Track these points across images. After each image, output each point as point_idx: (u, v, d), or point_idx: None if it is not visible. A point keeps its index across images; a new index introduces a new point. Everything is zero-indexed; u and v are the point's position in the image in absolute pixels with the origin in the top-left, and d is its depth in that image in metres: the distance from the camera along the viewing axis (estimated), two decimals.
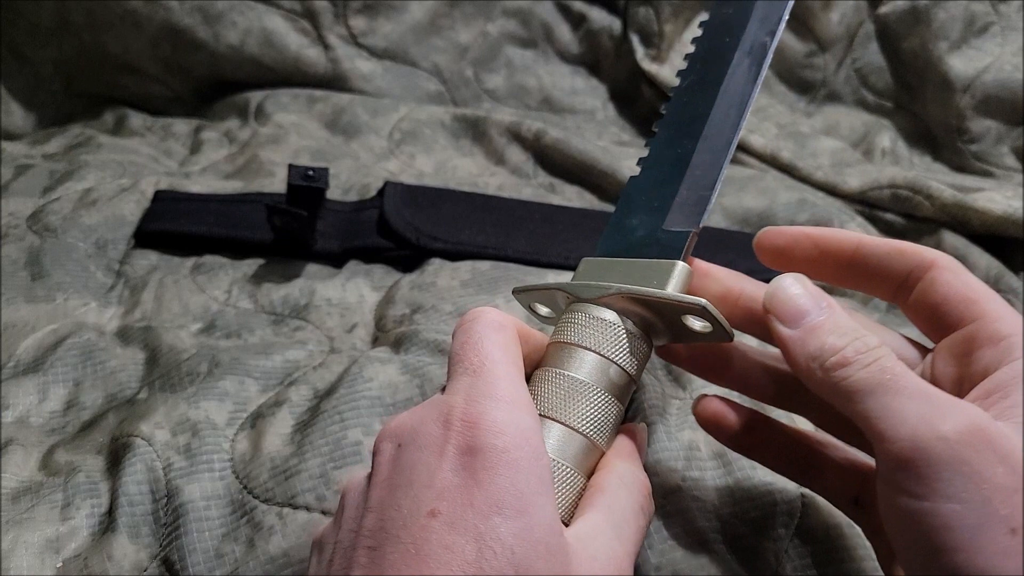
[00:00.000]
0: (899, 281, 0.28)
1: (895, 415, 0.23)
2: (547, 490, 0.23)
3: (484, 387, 0.24)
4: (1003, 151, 0.71)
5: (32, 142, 0.70)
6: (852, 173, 0.64)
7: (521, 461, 0.23)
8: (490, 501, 0.22)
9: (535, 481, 0.23)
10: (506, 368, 0.25)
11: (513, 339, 0.27)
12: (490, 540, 0.22)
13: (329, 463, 0.35)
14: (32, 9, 0.72)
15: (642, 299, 0.27)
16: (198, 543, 0.33)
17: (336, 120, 0.69)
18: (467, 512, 0.22)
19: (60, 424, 0.41)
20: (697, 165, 0.30)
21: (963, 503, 0.21)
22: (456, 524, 0.22)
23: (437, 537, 0.22)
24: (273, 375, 0.42)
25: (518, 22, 0.77)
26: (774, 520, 0.34)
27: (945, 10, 0.72)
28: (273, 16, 0.71)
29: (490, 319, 0.27)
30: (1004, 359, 0.25)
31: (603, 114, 0.77)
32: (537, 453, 0.23)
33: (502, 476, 0.22)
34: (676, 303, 0.27)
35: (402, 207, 0.54)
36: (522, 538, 0.22)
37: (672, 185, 0.30)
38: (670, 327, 0.28)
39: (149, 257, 0.53)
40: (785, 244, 0.30)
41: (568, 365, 0.27)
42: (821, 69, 0.76)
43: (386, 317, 0.46)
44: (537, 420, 0.25)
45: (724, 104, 0.30)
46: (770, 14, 0.30)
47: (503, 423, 0.23)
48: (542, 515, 0.22)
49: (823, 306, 0.26)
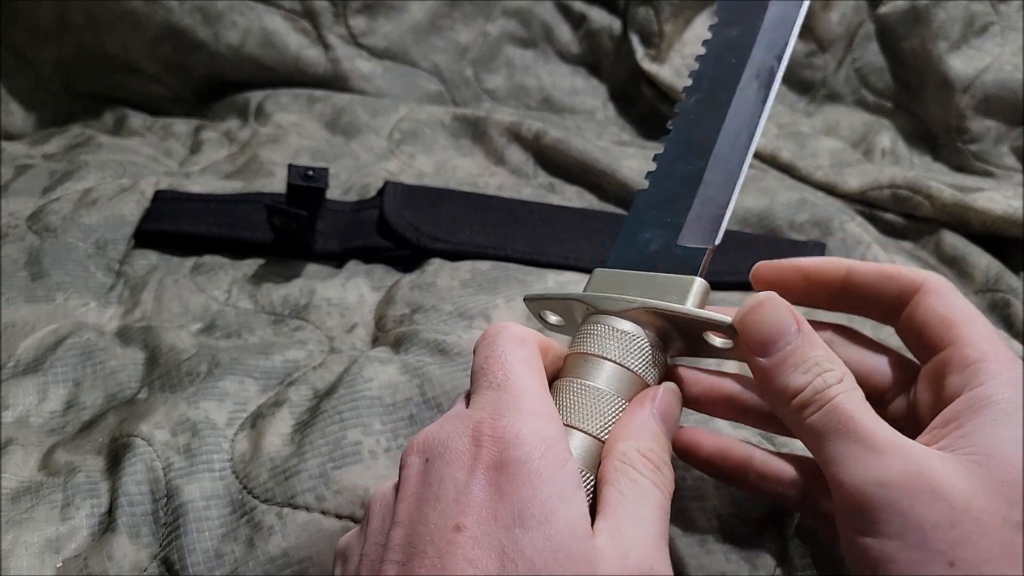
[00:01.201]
0: (889, 305, 0.29)
1: (842, 462, 0.24)
2: (572, 495, 0.23)
3: (510, 400, 0.25)
4: (1003, 151, 0.71)
5: (32, 142, 0.70)
6: (852, 173, 0.64)
7: (544, 470, 0.23)
8: (513, 513, 0.23)
9: (558, 488, 0.23)
10: (531, 382, 0.26)
11: (536, 353, 0.27)
12: (512, 552, 0.22)
13: (329, 463, 0.35)
14: (32, 9, 0.72)
15: (665, 313, 0.28)
16: (198, 543, 0.33)
17: (336, 120, 0.69)
18: (491, 526, 0.23)
19: (60, 424, 0.41)
20: (710, 183, 0.30)
21: (904, 540, 0.23)
22: (480, 538, 0.22)
23: (462, 552, 0.22)
24: (273, 375, 0.42)
25: (518, 22, 0.77)
26: (774, 520, 0.34)
27: (945, 10, 0.72)
28: (273, 16, 0.71)
29: (513, 333, 0.27)
30: (967, 386, 0.25)
31: (603, 114, 0.77)
32: (561, 460, 0.24)
33: (525, 487, 0.23)
34: (704, 320, 0.27)
35: (402, 207, 0.54)
36: (543, 548, 0.22)
37: (685, 201, 0.31)
38: (689, 341, 0.29)
39: (149, 257, 0.53)
40: (778, 278, 0.31)
41: (590, 375, 0.28)
42: (821, 69, 0.76)
43: (386, 317, 0.46)
44: (562, 430, 0.25)
45: (734, 125, 0.30)
46: (777, 38, 0.31)
47: (528, 435, 0.24)
48: (565, 522, 0.23)
49: (792, 331, 0.26)
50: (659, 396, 0.28)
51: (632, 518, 0.24)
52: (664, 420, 0.28)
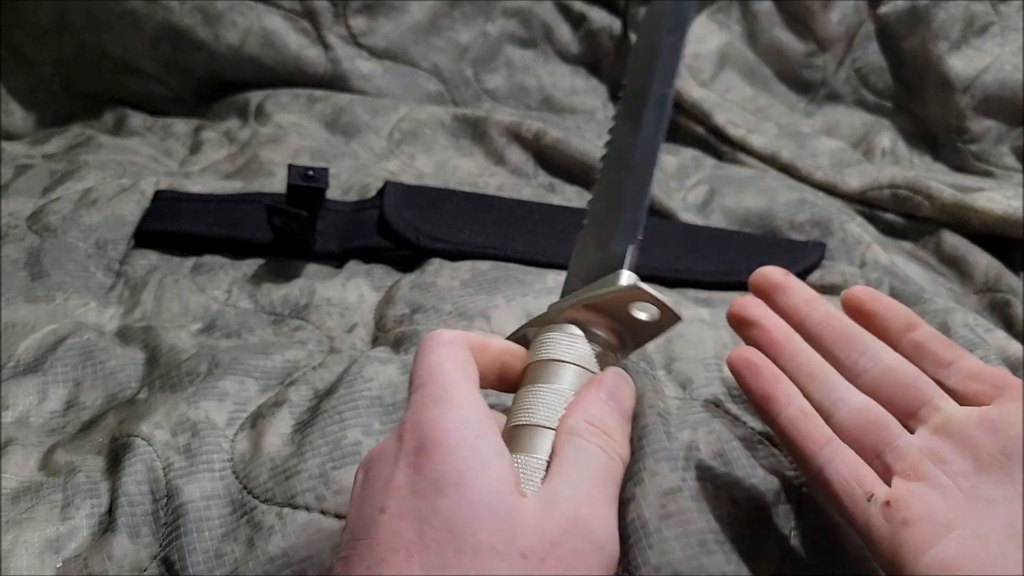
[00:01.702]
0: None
1: None
2: (492, 461, 0.24)
3: (430, 395, 0.26)
4: (1003, 151, 0.71)
5: (32, 142, 0.70)
6: (852, 173, 0.64)
7: (460, 443, 0.24)
8: (431, 485, 0.24)
9: (475, 456, 0.24)
10: (452, 376, 0.27)
11: (461, 350, 0.28)
12: (430, 517, 0.23)
13: (329, 463, 0.35)
14: (32, 9, 0.72)
15: (591, 304, 0.30)
16: (198, 543, 0.33)
17: (336, 120, 0.69)
18: (410, 500, 0.24)
19: (60, 424, 0.41)
20: (628, 190, 0.33)
21: None
22: (401, 512, 0.24)
23: (385, 528, 0.23)
24: (273, 375, 0.42)
25: (518, 22, 0.77)
26: (774, 520, 0.34)
27: (945, 10, 0.72)
28: (273, 16, 0.71)
29: (438, 338, 0.28)
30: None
31: (603, 114, 0.77)
32: (477, 433, 0.25)
33: (440, 461, 0.24)
34: (615, 294, 0.29)
35: (402, 207, 0.54)
36: (461, 507, 0.23)
37: (611, 212, 0.33)
38: (625, 324, 0.30)
39: (149, 257, 0.53)
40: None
41: (540, 378, 0.29)
42: (821, 69, 0.76)
43: (386, 317, 0.46)
44: (484, 413, 0.26)
45: (642, 143, 0.34)
46: (666, 73, 0.34)
47: (443, 418, 0.25)
48: (485, 483, 0.24)
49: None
50: (604, 377, 0.29)
51: (568, 478, 0.25)
52: (611, 396, 0.28)
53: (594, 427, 0.27)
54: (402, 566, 0.23)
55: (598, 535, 0.24)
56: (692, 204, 0.61)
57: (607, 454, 0.26)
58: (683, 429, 0.37)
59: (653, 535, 0.33)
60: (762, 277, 0.35)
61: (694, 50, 0.75)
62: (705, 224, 0.59)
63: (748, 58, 0.77)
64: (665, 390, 0.39)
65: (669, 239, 0.54)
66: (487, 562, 0.22)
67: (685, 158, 0.67)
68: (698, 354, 0.41)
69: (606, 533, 0.24)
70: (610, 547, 0.24)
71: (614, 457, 0.26)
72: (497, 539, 0.23)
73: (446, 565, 0.22)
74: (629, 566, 0.32)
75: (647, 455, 0.35)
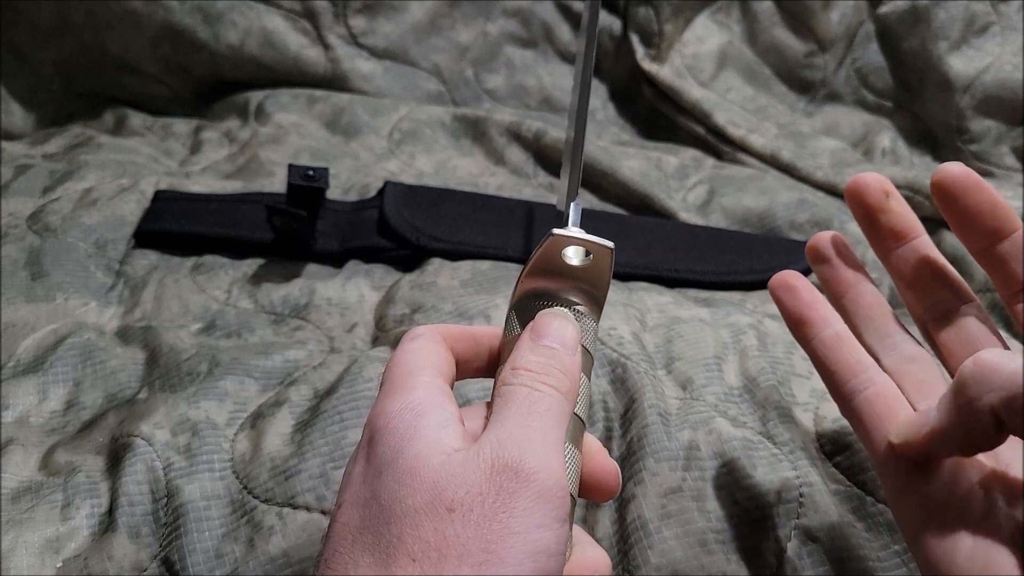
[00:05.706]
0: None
1: None
2: (427, 435, 0.24)
3: (385, 390, 0.26)
4: (1003, 151, 0.71)
5: (32, 142, 0.70)
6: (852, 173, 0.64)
7: (399, 426, 0.25)
8: (374, 471, 0.24)
9: (414, 432, 0.24)
10: (407, 368, 0.27)
11: (428, 343, 0.28)
12: (369, 500, 0.23)
13: (329, 463, 0.35)
14: (32, 9, 0.72)
15: (534, 269, 0.29)
16: (198, 543, 0.33)
17: (336, 120, 0.69)
18: (360, 489, 0.24)
19: (60, 424, 0.41)
20: (567, 159, 0.34)
21: None
22: (353, 502, 0.24)
23: (339, 520, 0.24)
24: (273, 375, 0.42)
25: (518, 22, 0.77)
26: (774, 520, 0.34)
27: (945, 10, 0.72)
28: (273, 16, 0.71)
29: (409, 335, 0.28)
30: None
31: (603, 114, 0.77)
32: (419, 413, 0.25)
33: (382, 445, 0.24)
34: (542, 250, 0.29)
35: (402, 207, 0.54)
36: (391, 481, 0.23)
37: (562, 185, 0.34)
38: (580, 281, 0.29)
39: (149, 257, 0.53)
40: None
41: (509, 355, 0.29)
42: (821, 69, 0.76)
43: (386, 317, 0.46)
44: (439, 396, 0.26)
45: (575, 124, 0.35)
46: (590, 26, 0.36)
47: (389, 406, 0.25)
48: (412, 453, 0.24)
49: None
50: (532, 323, 0.28)
51: (493, 424, 0.25)
52: (539, 335, 0.27)
53: (518, 369, 0.26)
54: (347, 553, 0.23)
55: (527, 467, 0.23)
56: (692, 204, 0.61)
57: (532, 388, 0.26)
58: (683, 429, 0.37)
59: (653, 535, 0.33)
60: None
61: (694, 50, 0.75)
62: (705, 224, 0.59)
63: (748, 58, 0.77)
64: (665, 390, 0.39)
65: (669, 239, 0.54)
66: (414, 524, 0.22)
67: (685, 158, 0.67)
68: (698, 354, 0.41)
69: (537, 463, 0.23)
70: (543, 476, 0.23)
71: (542, 389, 0.26)
72: (421, 500, 0.22)
73: (379, 539, 0.22)
74: (629, 566, 0.32)
75: (647, 455, 0.35)
